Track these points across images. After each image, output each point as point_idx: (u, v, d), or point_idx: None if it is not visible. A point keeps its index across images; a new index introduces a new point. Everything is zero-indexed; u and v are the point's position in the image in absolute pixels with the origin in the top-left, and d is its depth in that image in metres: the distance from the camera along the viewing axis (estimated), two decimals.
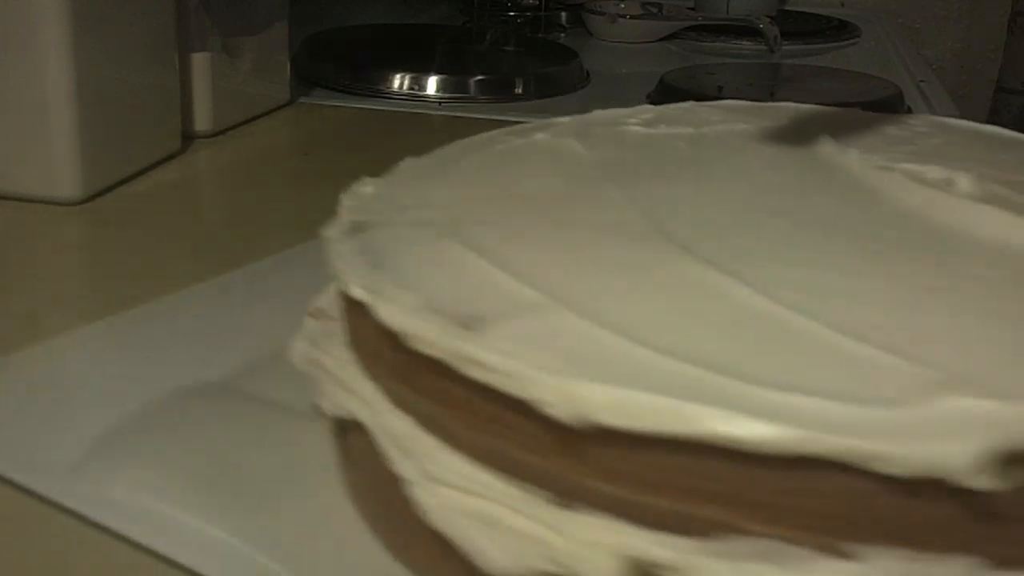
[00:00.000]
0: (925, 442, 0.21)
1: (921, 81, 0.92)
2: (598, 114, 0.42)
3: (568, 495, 0.24)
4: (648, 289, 0.27)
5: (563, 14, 1.11)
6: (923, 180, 0.34)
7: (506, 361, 0.23)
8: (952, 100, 0.86)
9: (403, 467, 0.26)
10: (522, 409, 0.23)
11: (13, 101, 0.53)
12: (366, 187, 0.34)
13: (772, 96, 0.81)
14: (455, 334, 0.25)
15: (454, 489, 0.26)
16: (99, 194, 0.56)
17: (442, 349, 0.24)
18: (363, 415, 0.28)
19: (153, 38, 0.60)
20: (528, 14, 1.11)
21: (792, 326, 0.25)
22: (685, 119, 0.41)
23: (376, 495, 0.29)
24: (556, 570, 0.24)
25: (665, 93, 0.80)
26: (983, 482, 0.21)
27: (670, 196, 0.33)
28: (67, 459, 0.31)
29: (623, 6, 1.05)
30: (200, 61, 0.65)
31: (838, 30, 1.10)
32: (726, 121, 0.41)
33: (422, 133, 0.72)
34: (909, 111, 0.80)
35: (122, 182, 0.58)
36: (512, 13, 1.11)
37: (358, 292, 0.26)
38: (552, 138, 0.39)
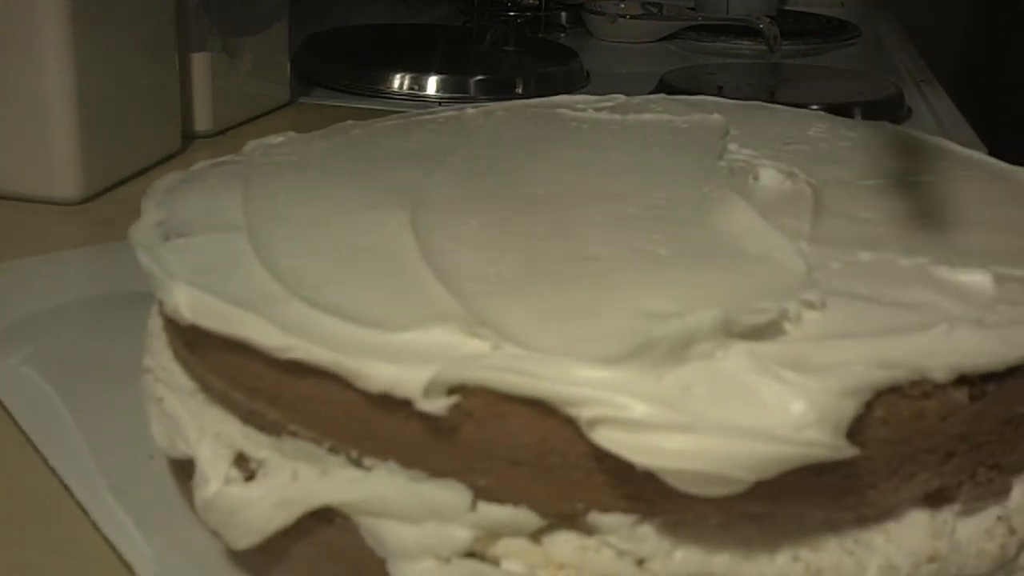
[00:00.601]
0: (391, 363, 0.24)
1: (921, 81, 0.92)
2: (559, 99, 0.45)
3: (206, 389, 0.29)
4: (333, 229, 0.31)
5: (563, 14, 1.11)
6: (736, 173, 0.36)
7: (152, 265, 0.29)
8: (952, 100, 0.86)
9: (145, 360, 0.32)
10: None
11: (13, 101, 0.53)
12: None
13: (772, 96, 0.81)
14: (151, 244, 0.30)
15: (153, 376, 0.31)
16: (99, 194, 0.56)
17: (139, 260, 0.30)
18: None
19: (153, 38, 0.60)
20: (528, 14, 1.11)
21: (406, 265, 0.29)
22: (629, 108, 0.44)
23: None
24: (189, 453, 0.28)
25: (665, 93, 0.79)
26: (431, 405, 0.24)
27: (474, 166, 0.37)
28: None
29: (623, 6, 1.05)
30: (200, 61, 0.65)
31: (838, 30, 1.10)
32: (660, 112, 0.44)
33: None
34: (909, 112, 0.80)
35: (122, 182, 0.58)
36: (512, 13, 1.11)
37: (146, 262, 0.30)
38: (463, 113, 0.44)
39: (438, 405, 0.24)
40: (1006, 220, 0.34)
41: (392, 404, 0.24)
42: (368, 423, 0.25)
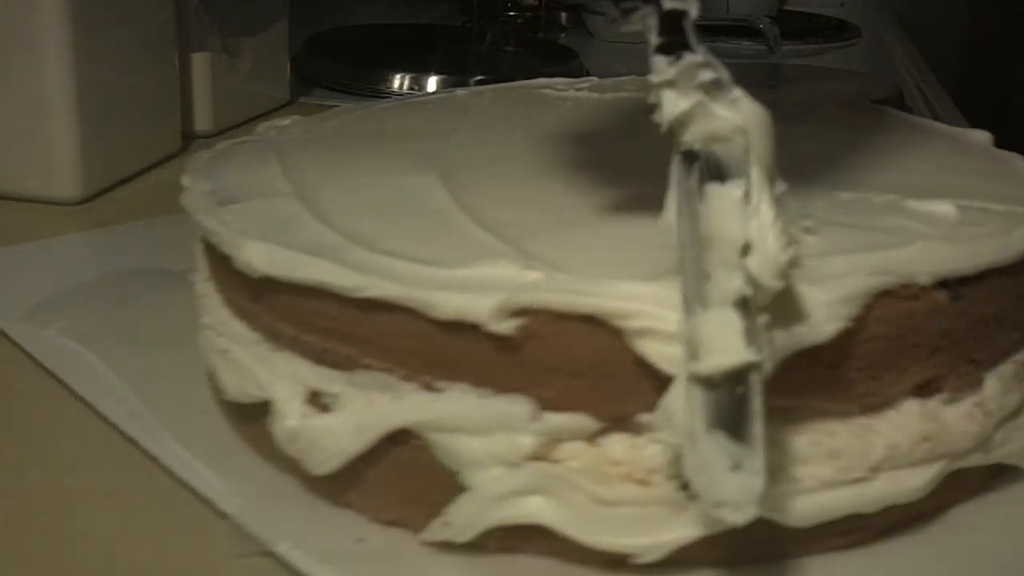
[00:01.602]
0: (460, 293, 0.27)
1: (921, 81, 0.92)
2: (540, 81, 0.50)
3: (273, 337, 0.32)
4: (373, 191, 0.35)
5: (563, 14, 1.11)
6: None
7: (218, 226, 0.32)
8: (952, 100, 0.86)
9: (202, 319, 0.35)
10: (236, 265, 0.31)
11: (13, 101, 0.53)
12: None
13: None
14: (210, 209, 0.33)
15: (214, 332, 0.34)
16: (99, 194, 0.56)
17: (202, 223, 0.33)
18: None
19: (153, 38, 0.60)
20: (528, 14, 1.11)
21: (449, 218, 0.32)
22: (605, 88, 0.49)
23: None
24: (262, 395, 0.31)
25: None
26: (500, 327, 0.27)
27: (478, 137, 0.41)
28: (26, 306, 0.42)
29: None
30: (200, 61, 0.65)
31: (838, 30, 1.10)
32: (635, 90, 0.48)
33: None
34: (909, 112, 0.80)
35: (122, 182, 0.58)
36: (512, 13, 1.11)
37: (213, 224, 0.33)
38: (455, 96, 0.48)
39: (506, 326, 0.27)
40: (973, 170, 0.38)
41: (462, 330, 0.27)
42: (440, 349, 0.28)
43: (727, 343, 0.25)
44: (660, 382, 0.26)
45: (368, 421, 0.29)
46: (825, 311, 0.27)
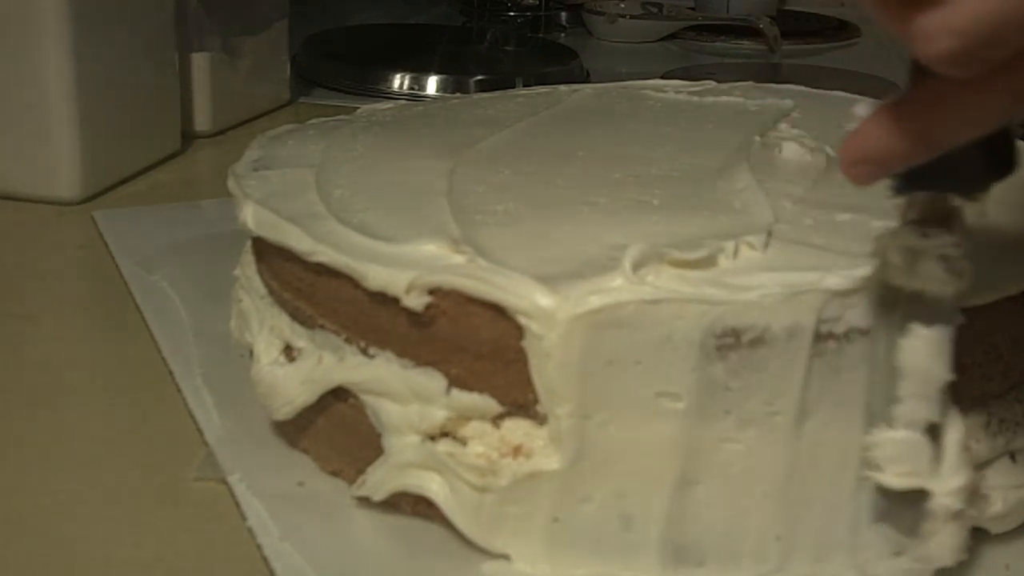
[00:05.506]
0: (387, 267, 0.29)
1: None
2: (650, 82, 0.51)
3: (270, 293, 0.35)
4: (385, 171, 0.37)
5: (563, 14, 1.11)
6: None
7: (235, 189, 0.36)
8: None
9: (235, 271, 0.38)
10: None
11: (13, 101, 0.54)
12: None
13: None
14: (242, 174, 0.37)
15: (239, 284, 0.38)
16: (99, 194, 0.56)
17: (231, 184, 0.36)
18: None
19: (153, 38, 0.60)
20: (528, 14, 1.11)
21: (430, 200, 0.34)
22: (711, 92, 0.49)
23: None
24: (251, 342, 0.35)
25: None
26: (411, 301, 0.29)
27: (536, 130, 0.42)
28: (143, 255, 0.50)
29: (623, 6, 1.05)
30: (200, 61, 0.65)
31: (838, 30, 1.10)
32: (738, 97, 0.48)
33: None
34: None
35: (122, 182, 0.58)
36: (512, 13, 1.11)
37: (232, 185, 0.36)
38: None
39: (417, 302, 0.29)
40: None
41: (388, 301, 0.29)
42: (371, 318, 0.30)
43: (916, 466, 0.28)
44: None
45: (314, 376, 0.32)
46: None
